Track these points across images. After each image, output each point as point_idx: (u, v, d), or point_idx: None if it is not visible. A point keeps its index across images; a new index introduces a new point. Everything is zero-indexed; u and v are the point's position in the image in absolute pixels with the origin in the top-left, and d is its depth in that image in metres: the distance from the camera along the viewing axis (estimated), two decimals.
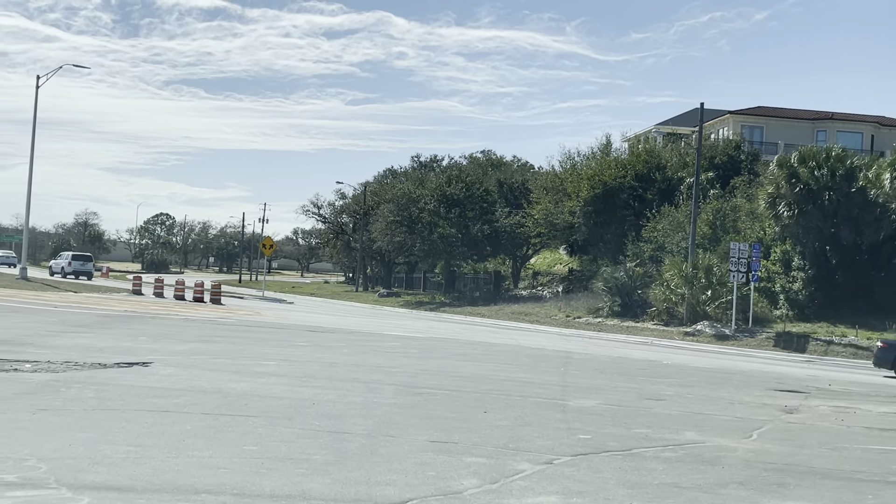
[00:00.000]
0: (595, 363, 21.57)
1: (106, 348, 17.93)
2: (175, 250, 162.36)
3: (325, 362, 17.37)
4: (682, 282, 40.32)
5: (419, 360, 19.13)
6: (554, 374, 17.59)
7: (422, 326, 34.66)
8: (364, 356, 19.26)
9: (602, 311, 45.03)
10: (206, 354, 17.73)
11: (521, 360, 20.67)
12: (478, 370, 17.45)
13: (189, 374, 14.26)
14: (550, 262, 75.34)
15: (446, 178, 62.80)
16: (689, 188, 50.68)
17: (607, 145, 59.54)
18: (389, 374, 15.71)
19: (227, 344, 20.57)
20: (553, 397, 13.75)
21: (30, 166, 48.19)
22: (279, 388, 13.18)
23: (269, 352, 19.14)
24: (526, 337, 32.60)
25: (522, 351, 24.26)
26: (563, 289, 57.06)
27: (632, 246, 49.38)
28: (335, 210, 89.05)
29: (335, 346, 21.51)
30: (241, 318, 31.46)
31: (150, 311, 31.49)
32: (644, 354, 27.37)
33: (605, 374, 18.47)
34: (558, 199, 57.02)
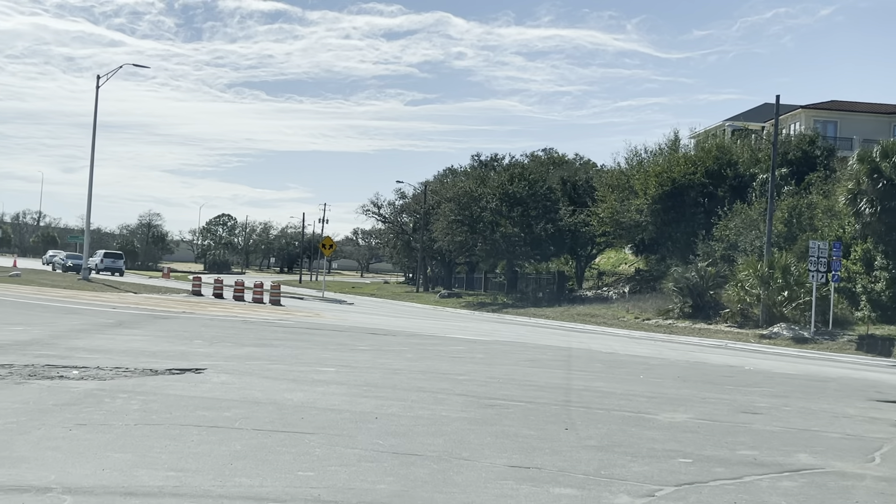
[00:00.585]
0: (674, 369, 20.18)
1: (159, 353, 17.08)
2: (236, 251, 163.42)
3: (388, 369, 16.28)
4: (757, 282, 38.59)
5: (487, 366, 17.96)
6: (634, 383, 16.27)
7: (486, 329, 33.49)
8: (428, 362, 18.15)
9: (672, 312, 43.42)
10: (262, 360, 16.76)
11: (595, 367, 19.38)
12: (551, 378, 16.22)
13: (243, 383, 13.27)
14: (615, 262, 73.66)
15: (508, 177, 61.51)
16: (762, 185, 48.87)
17: (675, 141, 57.82)
18: (456, 383, 14.56)
19: (284, 348, 19.61)
20: (639, 410, 12.47)
21: (90, 167, 48.05)
22: (338, 398, 12.10)
23: (329, 356, 18.12)
24: (595, 340, 31.23)
25: (594, 356, 22.95)
26: (630, 289, 55.47)
27: (702, 245, 47.65)
28: (395, 210, 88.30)
29: (397, 351, 20.43)
30: (300, 319, 30.59)
31: (208, 313, 30.78)
32: (723, 359, 25.86)
33: (688, 382, 17.11)
34: (624, 197, 55.45)
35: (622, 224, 55.49)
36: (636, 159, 58.89)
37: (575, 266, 66.74)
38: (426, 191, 76.85)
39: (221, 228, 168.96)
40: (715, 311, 41.99)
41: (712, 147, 52.75)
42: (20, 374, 12.99)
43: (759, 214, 45.82)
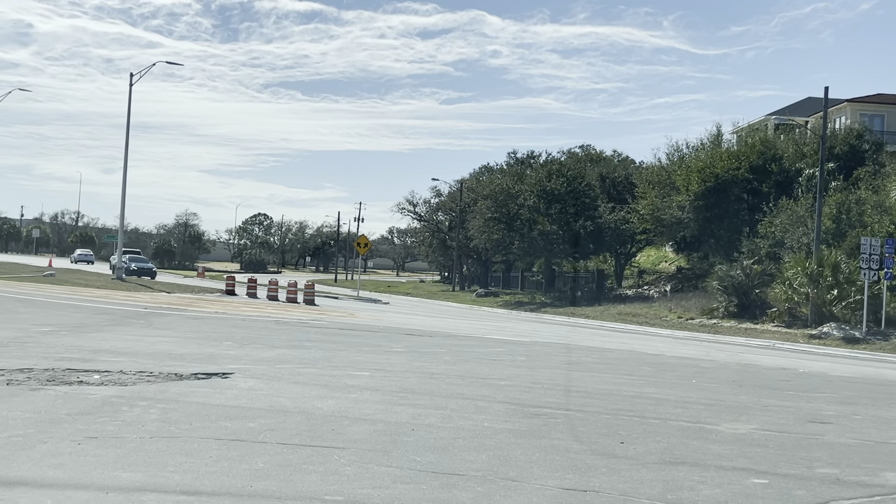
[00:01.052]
0: (726, 373, 19.12)
1: (186, 355, 16.35)
2: (272, 250, 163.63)
3: (425, 372, 15.40)
4: (806, 280, 37.25)
5: (529, 370, 17.02)
6: (687, 388, 15.26)
7: (524, 329, 32.53)
8: (467, 365, 17.24)
9: (717, 311, 42.17)
10: (293, 363, 15.96)
11: (643, 370, 18.37)
12: (598, 383, 15.25)
13: (271, 388, 12.47)
14: (655, 260, 72.31)
15: (546, 173, 60.38)
16: (808, 180, 47.47)
17: (717, 136, 56.36)
18: (498, 389, 13.64)
19: (317, 350, 18.81)
20: (697, 420, 11.49)
21: (124, 166, 47.66)
22: (372, 406, 11.25)
23: (363, 359, 17.28)
24: (639, 341, 30.17)
25: (641, 358, 21.92)
26: (672, 288, 54.20)
27: (747, 242, 46.32)
28: (431, 208, 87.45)
29: (434, 353, 19.55)
30: (334, 319, 29.83)
31: (240, 313, 30.12)
32: (774, 361, 24.71)
33: (744, 387, 16.05)
34: (665, 194, 54.17)
35: (663, 221, 54.18)
36: (677, 155, 57.51)
37: (614, 264, 65.46)
38: (462, 188, 75.87)
39: (257, 228, 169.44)
40: (761, 311, 40.69)
41: (756, 142, 51.29)
42: (38, 380, 12.29)
43: (805, 210, 44.42)
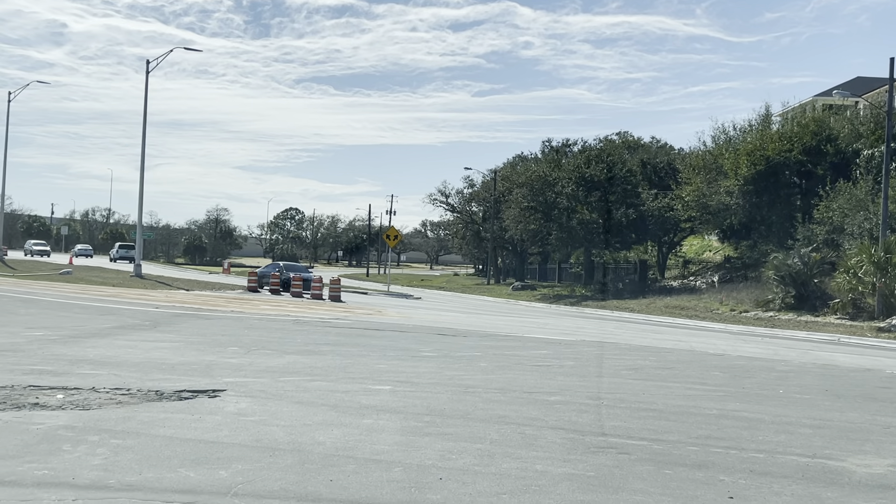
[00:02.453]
0: (810, 377, 16.37)
1: (180, 365, 13.94)
2: (304, 245, 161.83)
3: (458, 385, 12.83)
4: (872, 268, 34.23)
5: (580, 378, 14.38)
6: (776, 401, 12.57)
7: (567, 326, 29.86)
8: (507, 373, 14.64)
9: (773, 303, 39.22)
10: (301, 374, 13.47)
11: (713, 377, 15.66)
12: (668, 396, 12.58)
13: (266, 412, 9.98)
14: (698, 250, 69.22)
15: (585, 159, 57.46)
16: (868, 161, 44.30)
17: (767, 117, 53.17)
18: (548, 408, 11.03)
19: (334, 356, 16.30)
20: (813, 452, 8.82)
21: (141, 158, 45.60)
22: (389, 438, 8.70)
23: (385, 367, 14.75)
24: (695, 337, 27.40)
25: (704, 360, 19.19)
26: (720, 279, 51.19)
27: (802, 228, 43.29)
28: (464, 199, 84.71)
29: (469, 357, 16.97)
30: (359, 318, 27.34)
31: (258, 312, 27.73)
32: (853, 360, 21.87)
33: (843, 398, 13.32)
34: (712, 179, 51.20)
35: (709, 208, 51.19)
36: (723, 137, 54.47)
37: (657, 254, 62.46)
38: (496, 178, 73.06)
39: (289, 222, 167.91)
40: (822, 302, 37.70)
41: (809, 121, 48.12)
42: None
43: (865, 194, 41.35)
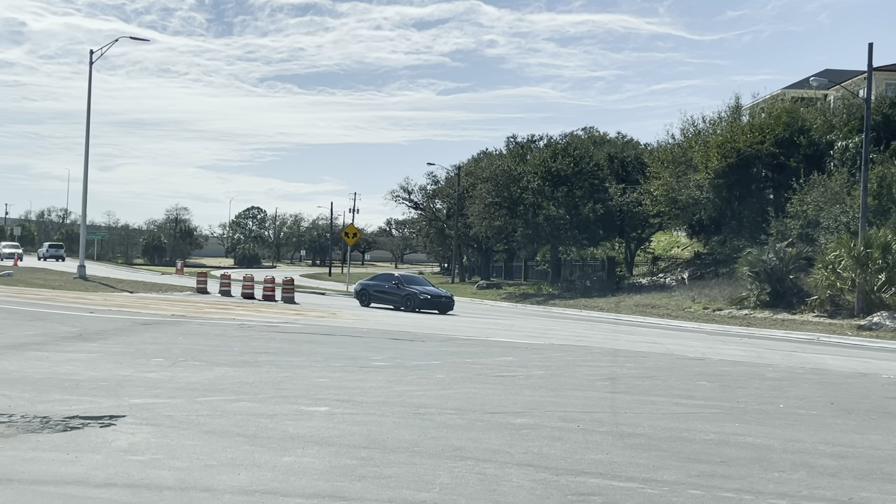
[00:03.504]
0: (805, 386, 14.63)
1: (87, 382, 11.96)
2: (267, 244, 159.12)
3: (408, 404, 10.91)
4: (852, 263, 32.73)
5: (552, 392, 12.50)
6: (780, 420, 10.77)
7: (535, 327, 28.02)
8: (467, 387, 12.73)
9: (747, 301, 37.67)
10: (226, 392, 11.49)
11: (701, 387, 13.85)
12: (655, 415, 10.73)
13: (163, 447, 8.02)
14: (666, 246, 67.81)
15: (551, 153, 55.63)
16: (842, 152, 42.92)
17: (737, 108, 51.65)
18: (514, 435, 9.14)
19: (271, 368, 14.31)
20: (848, 496, 7.01)
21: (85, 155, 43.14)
22: (308, 486, 6.77)
23: (327, 381, 12.81)
24: (670, 339, 25.68)
25: (686, 365, 17.41)
26: (690, 275, 49.68)
27: (775, 223, 41.79)
28: (427, 195, 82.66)
29: (425, 367, 15.05)
30: (310, 321, 25.32)
31: (201, 316, 25.61)
32: (844, 362, 20.23)
33: (852, 413, 11.56)
34: (681, 172, 49.61)
35: (678, 202, 49.61)
36: (693, 130, 52.88)
37: (625, 251, 60.84)
38: (460, 173, 71.07)
39: (251, 221, 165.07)
40: (798, 299, 36.21)
41: (782, 112, 46.64)
42: None
43: (841, 186, 39.92)
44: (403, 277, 37.71)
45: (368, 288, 37.08)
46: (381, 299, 36.19)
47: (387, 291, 36.16)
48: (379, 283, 37.18)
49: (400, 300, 35.38)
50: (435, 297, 35.26)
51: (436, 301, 34.92)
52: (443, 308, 34.75)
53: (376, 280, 37.80)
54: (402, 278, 37.40)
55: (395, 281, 36.76)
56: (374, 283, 37.23)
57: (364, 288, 37.30)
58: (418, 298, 34.76)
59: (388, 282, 36.97)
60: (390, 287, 36.26)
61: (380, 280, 37.71)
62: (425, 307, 34.49)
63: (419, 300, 34.71)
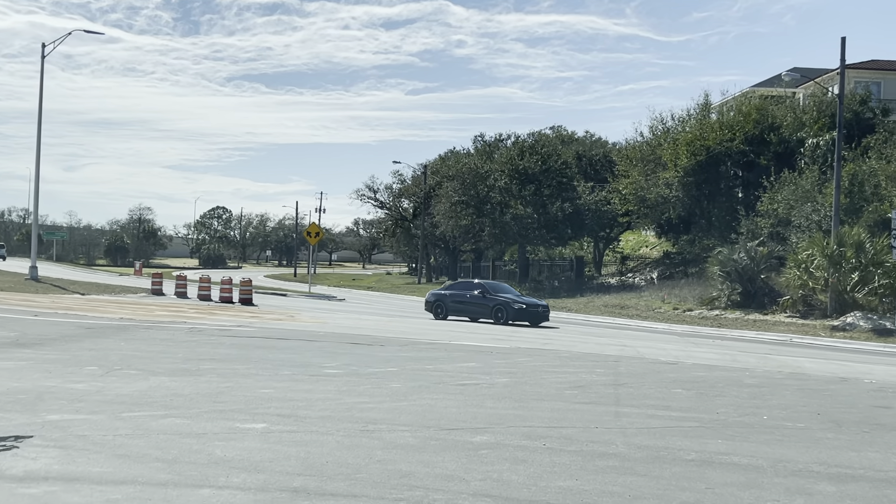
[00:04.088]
0: (787, 393, 13.72)
1: (4, 394, 10.88)
2: (233, 245, 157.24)
3: (356, 419, 9.83)
4: (825, 263, 32.03)
5: (516, 404, 11.47)
6: (767, 435, 9.83)
7: (500, 330, 27.02)
8: (424, 397, 11.68)
9: (718, 301, 36.91)
10: (156, 406, 10.38)
11: (675, 395, 12.90)
12: (628, 431, 9.74)
13: (63, 476, 6.94)
14: (634, 245, 67.12)
15: (518, 151, 54.63)
16: (813, 150, 42.33)
17: (706, 105, 50.97)
18: (472, 457, 8.10)
19: (212, 377, 13.19)
20: None
21: (37, 152, 41.56)
22: None
23: (271, 392, 11.71)
24: (641, 341, 24.77)
25: (659, 371, 16.46)
26: (659, 275, 48.92)
27: (746, 221, 41.06)
28: (393, 194, 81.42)
29: (381, 375, 13.97)
30: (266, 324, 24.15)
31: (151, 319, 24.36)
32: (821, 366, 19.41)
33: (843, 426, 10.63)
34: (650, 171, 48.85)
35: (647, 201, 48.83)
36: (662, 127, 52.14)
37: (594, 250, 60.01)
38: (426, 172, 69.93)
39: (216, 221, 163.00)
40: (770, 299, 35.48)
41: (752, 109, 45.98)
42: None
43: (812, 184, 39.28)
44: (489, 285, 33.16)
45: (444, 298, 32.68)
46: (462, 311, 32.03)
47: (469, 301, 31.88)
48: (458, 291, 32.81)
49: (487, 311, 31.26)
50: (531, 306, 30.96)
51: (532, 311, 30.68)
52: (538, 319, 30.69)
53: (454, 289, 33.52)
54: (488, 286, 32.82)
55: (479, 289, 32.10)
56: (452, 293, 32.86)
57: (439, 298, 32.84)
58: (512, 309, 30.58)
59: (469, 290, 32.47)
60: (474, 296, 31.88)
61: (459, 288, 33.27)
62: (521, 318, 30.50)
63: (513, 311, 30.55)
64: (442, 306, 32.33)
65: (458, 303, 32.09)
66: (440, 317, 31.95)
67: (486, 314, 31.23)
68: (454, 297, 32.35)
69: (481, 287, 32.32)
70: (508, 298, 31.28)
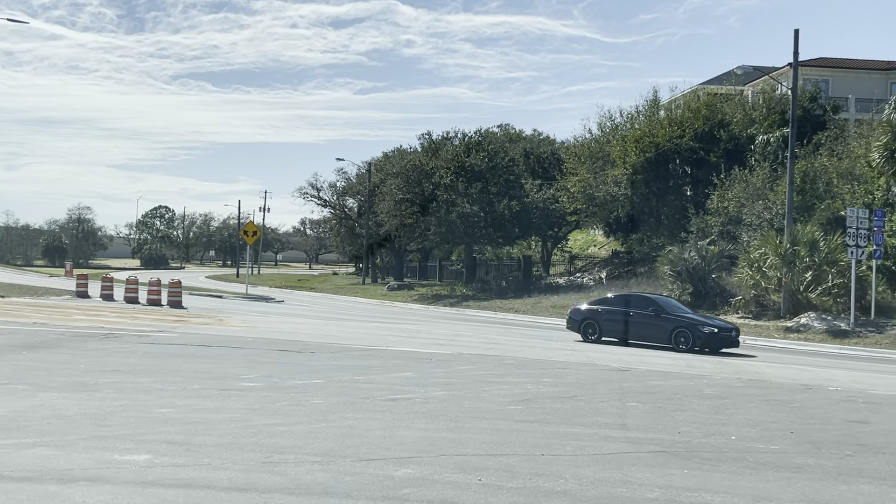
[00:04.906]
0: (751, 406, 12.49)
1: None
2: (175, 245, 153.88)
3: (262, 448, 8.33)
4: (778, 262, 31.09)
5: (451, 423, 10.04)
6: (740, 464, 8.51)
7: (443, 333, 25.58)
8: (346, 416, 10.20)
9: None
10: (27, 431, 8.86)
11: (631, 409, 11.57)
12: (578, 460, 8.37)
13: None
14: (583, 245, 66.14)
15: (464, 147, 53.23)
16: (763, 146, 41.54)
17: (654, 101, 50.03)
18: (393, 500, 6.64)
19: (109, 391, 11.62)
20: None
21: None
22: None
23: (170, 411, 10.19)
24: (590, 345, 23.48)
25: (611, 380, 15.14)
26: (608, 275, 47.82)
27: (696, 220, 40.09)
28: (337, 192, 79.53)
29: (303, 389, 12.46)
30: (190, 329, 22.43)
31: (65, 324, 22.51)
32: (781, 372, 18.29)
33: (821, 448, 9.37)
34: (599, 168, 47.76)
35: (596, 199, 47.70)
36: (610, 124, 51.07)
37: (542, 250, 58.84)
38: (370, 169, 68.25)
39: (159, 221, 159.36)
40: (722, 300, 34.51)
41: (701, 106, 45.08)
42: None
43: (763, 181, 38.44)
44: (661, 301, 25.77)
45: (598, 316, 25.46)
46: (623, 332, 25.08)
47: (636, 321, 24.70)
48: (618, 308, 25.47)
49: (664, 334, 24.02)
50: (724, 330, 23.92)
51: (724, 337, 23.67)
52: (731, 345, 23.85)
53: (610, 303, 26.05)
54: (661, 302, 25.44)
55: (651, 307, 24.76)
56: (608, 309, 25.56)
57: (591, 317, 25.59)
58: (701, 333, 23.47)
59: (634, 307, 25.16)
60: (641, 315, 24.62)
61: (619, 304, 25.80)
62: (712, 345, 23.47)
63: (703, 335, 23.43)
64: (594, 326, 25.28)
65: (617, 322, 25.03)
66: (591, 339, 25.14)
67: (660, 337, 24.09)
68: (611, 315, 25.22)
69: (654, 304, 24.98)
70: (693, 319, 24.46)
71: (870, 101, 54.93)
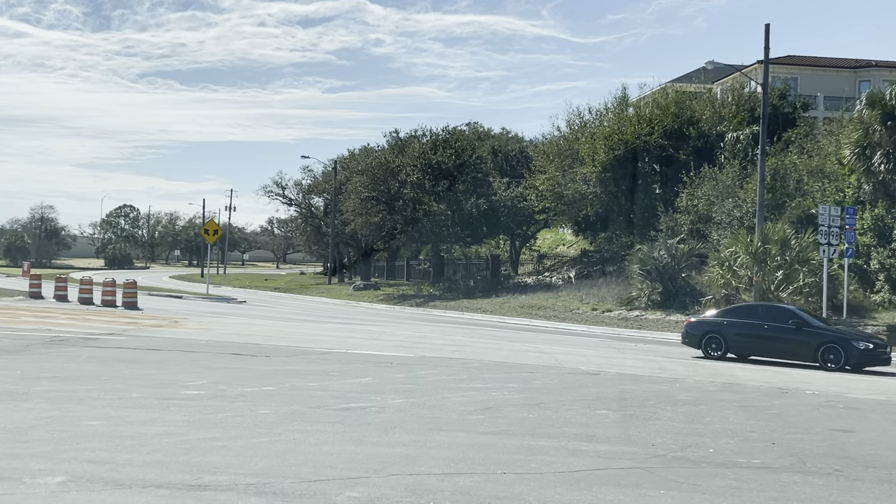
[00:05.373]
0: (728, 413, 11.82)
1: None
2: (140, 244, 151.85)
3: (192, 469, 7.50)
4: (749, 260, 30.55)
5: (405, 438, 9.25)
6: (723, 489, 7.78)
7: (407, 335, 24.76)
8: (294, 429, 9.38)
9: (638, 301, 35.24)
10: None
11: (600, 418, 10.84)
12: (542, 481, 7.61)
13: None
14: (551, 244, 65.52)
15: (431, 144, 52.42)
16: (733, 144, 41.11)
17: (623, 98, 49.46)
18: None
19: (39, 401, 10.75)
20: None
21: None
22: None
23: (101, 423, 9.34)
24: (559, 346, 22.78)
25: (580, 385, 14.42)
26: (577, 274, 47.22)
27: (665, 218, 39.53)
28: (303, 190, 78.39)
29: (251, 397, 11.62)
30: (142, 332, 21.46)
31: (11, 326, 21.49)
32: (754, 375, 17.73)
33: (811, 468, 8.67)
34: (567, 166, 47.12)
35: (564, 198, 47.03)
36: (579, 121, 50.41)
37: (510, 249, 58.15)
38: (336, 166, 67.22)
39: (123, 220, 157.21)
40: (692, 299, 33.94)
41: (671, 103, 44.55)
42: None
43: (733, 179, 37.97)
44: (766, 309, 22.76)
45: (723, 330, 21.96)
46: (758, 348, 21.79)
47: (770, 336, 21.35)
48: (747, 320, 21.99)
49: (808, 351, 20.68)
50: (879, 346, 20.87)
51: (877, 354, 20.61)
52: (885, 363, 20.85)
53: (736, 315, 22.52)
54: (803, 315, 21.85)
55: (792, 319, 21.26)
56: (733, 321, 22.07)
57: (714, 330, 22.10)
58: (856, 349, 20.31)
59: (769, 319, 21.72)
60: (778, 328, 21.25)
61: (746, 315, 22.33)
62: (867, 363, 20.47)
63: (858, 352, 20.30)
64: (719, 341, 21.87)
65: (748, 337, 21.76)
66: (714, 355, 21.71)
67: (804, 355, 20.76)
68: (739, 328, 21.82)
69: (796, 317, 21.44)
70: (842, 334, 21.43)
71: (839, 99, 54.72)
